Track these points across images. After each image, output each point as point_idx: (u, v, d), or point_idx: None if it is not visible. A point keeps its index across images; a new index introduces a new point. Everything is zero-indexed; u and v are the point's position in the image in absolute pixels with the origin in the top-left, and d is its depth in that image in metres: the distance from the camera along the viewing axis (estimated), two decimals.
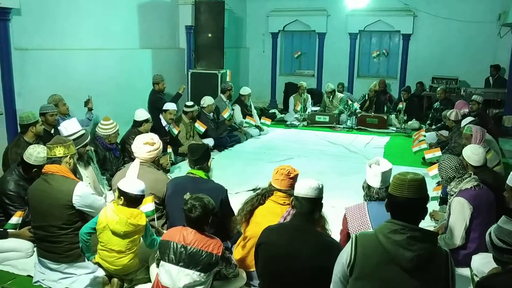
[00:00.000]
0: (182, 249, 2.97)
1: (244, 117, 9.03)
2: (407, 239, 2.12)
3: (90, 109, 6.58)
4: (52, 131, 5.65)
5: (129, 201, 3.26)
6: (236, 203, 3.87)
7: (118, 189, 3.27)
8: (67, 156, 3.63)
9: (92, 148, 5.01)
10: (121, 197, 3.26)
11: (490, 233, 2.55)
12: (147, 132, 5.82)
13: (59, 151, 3.60)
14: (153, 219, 3.75)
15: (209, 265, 2.99)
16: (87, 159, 4.57)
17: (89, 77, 7.06)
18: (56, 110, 5.72)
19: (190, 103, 7.57)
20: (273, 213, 3.32)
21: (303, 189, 2.78)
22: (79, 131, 4.42)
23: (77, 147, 4.22)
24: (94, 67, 7.22)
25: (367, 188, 3.25)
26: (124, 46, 8.07)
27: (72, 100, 6.33)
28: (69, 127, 4.35)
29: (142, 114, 6.23)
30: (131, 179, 3.41)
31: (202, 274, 2.98)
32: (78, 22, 6.96)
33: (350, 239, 2.27)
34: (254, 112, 9.60)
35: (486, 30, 10.76)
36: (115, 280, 3.34)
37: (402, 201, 2.19)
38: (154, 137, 4.17)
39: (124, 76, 7.94)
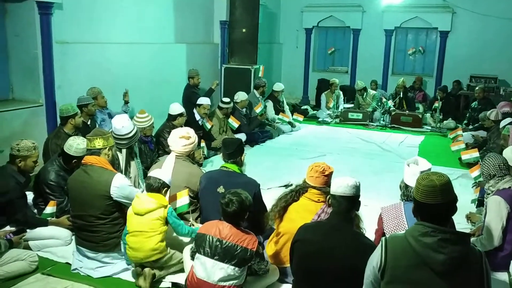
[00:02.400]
0: (218, 243, 3.01)
1: (276, 113, 9.03)
2: (438, 241, 2.06)
3: (126, 102, 6.71)
4: (89, 122, 5.81)
5: (149, 189, 3.50)
6: (268, 198, 3.90)
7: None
8: (106, 148, 3.73)
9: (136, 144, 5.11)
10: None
11: None
12: (181, 126, 5.90)
13: (98, 143, 3.69)
14: (188, 212, 3.81)
15: (243, 260, 3.02)
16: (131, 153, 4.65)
17: (125, 70, 7.19)
18: (93, 102, 5.87)
19: (227, 99, 7.60)
20: (307, 210, 3.32)
21: (340, 187, 2.76)
22: (133, 128, 4.54)
23: (131, 144, 4.37)
24: (130, 60, 7.35)
25: (405, 187, 3.20)
26: (160, 40, 8.17)
27: (109, 93, 6.46)
28: (127, 125, 4.46)
29: (177, 108, 6.30)
30: (153, 172, 3.61)
31: (236, 269, 3.01)
32: (116, 16, 7.10)
33: (380, 243, 2.24)
34: (287, 108, 9.58)
35: None
36: (147, 270, 3.41)
37: (434, 207, 2.12)
38: (190, 132, 4.23)
39: (159, 70, 8.05)
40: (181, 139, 4.09)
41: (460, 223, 4.49)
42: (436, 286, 2.07)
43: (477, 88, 9.22)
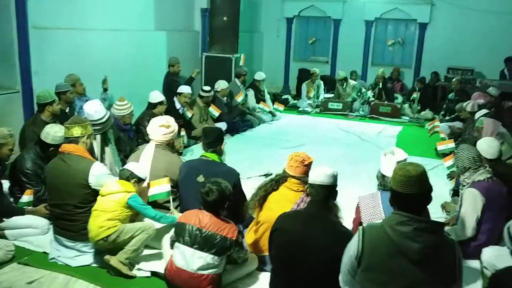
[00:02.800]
0: (197, 232, 3.03)
1: (257, 102, 9.04)
2: (414, 230, 2.13)
3: (105, 90, 6.62)
4: (67, 110, 5.71)
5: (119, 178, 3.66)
6: (248, 188, 3.91)
7: None
8: (84, 136, 3.69)
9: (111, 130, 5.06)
10: None
11: (508, 227, 2.53)
12: (161, 114, 5.86)
13: (76, 131, 3.65)
14: (168, 201, 3.81)
15: (223, 249, 3.04)
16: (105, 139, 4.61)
17: (104, 57, 7.08)
18: (72, 89, 5.78)
19: (207, 88, 7.57)
20: (286, 200, 3.35)
21: (319, 176, 2.79)
22: (106, 113, 4.48)
23: (105, 129, 4.31)
24: (109, 47, 7.24)
25: (381, 177, 3.26)
26: (140, 27, 8.06)
27: (88, 80, 6.36)
28: (99, 110, 4.40)
29: (157, 96, 6.24)
30: (129, 165, 3.75)
31: (215, 257, 3.03)
32: (95, 2, 6.97)
33: (357, 231, 2.29)
34: (268, 97, 9.58)
35: (505, 21, 10.58)
36: (112, 261, 3.37)
37: (409, 196, 2.18)
38: (170, 120, 4.20)
39: (139, 57, 7.95)
40: (160, 128, 4.07)
41: (436, 212, 4.61)
42: (411, 274, 2.14)
43: (454, 79, 9.37)
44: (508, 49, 10.54)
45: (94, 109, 4.36)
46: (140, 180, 3.65)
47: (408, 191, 2.17)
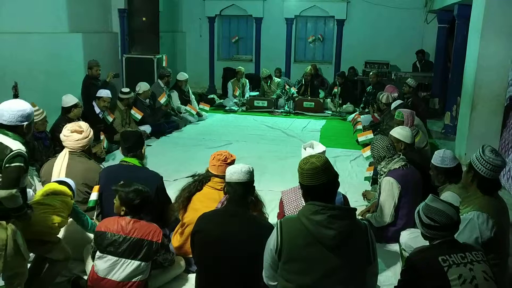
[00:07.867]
0: (121, 239, 2.92)
1: (183, 104, 8.93)
2: (328, 218, 2.19)
3: (16, 96, 6.19)
4: None
5: None
6: (175, 190, 3.84)
7: None
8: None
9: None
10: None
11: (418, 211, 2.66)
12: (78, 118, 5.63)
13: None
14: (93, 208, 3.67)
15: (150, 254, 2.97)
16: None
17: (13, 62, 6.64)
18: None
19: (126, 89, 7.35)
20: (210, 199, 3.33)
21: (235, 174, 2.79)
22: None
23: None
24: (19, 51, 6.79)
25: None
26: (52, 29, 7.65)
27: None
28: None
29: (69, 99, 5.86)
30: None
31: (142, 264, 2.95)
32: (1, 2, 6.52)
33: (275, 226, 2.32)
34: (193, 97, 9.48)
35: (414, 16, 11.28)
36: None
37: (320, 187, 2.25)
38: (83, 125, 3.98)
39: (53, 61, 7.55)
40: (72, 134, 3.85)
41: (358, 200, 4.81)
42: (328, 260, 2.20)
43: (371, 73, 9.80)
44: (418, 42, 11.26)
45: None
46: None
47: (318, 182, 2.24)
